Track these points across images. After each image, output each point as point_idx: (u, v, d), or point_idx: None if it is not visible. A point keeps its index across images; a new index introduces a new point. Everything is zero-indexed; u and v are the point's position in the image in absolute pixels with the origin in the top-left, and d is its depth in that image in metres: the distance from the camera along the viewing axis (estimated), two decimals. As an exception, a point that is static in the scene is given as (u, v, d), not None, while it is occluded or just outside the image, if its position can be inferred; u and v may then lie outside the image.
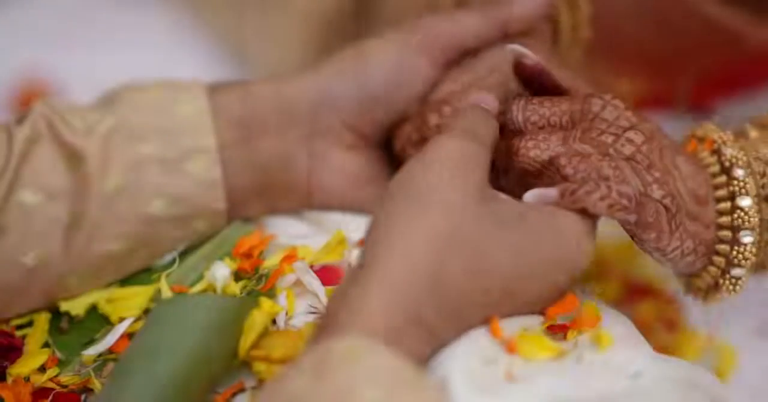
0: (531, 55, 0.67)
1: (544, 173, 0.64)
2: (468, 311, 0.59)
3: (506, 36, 0.75)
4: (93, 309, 0.70)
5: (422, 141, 0.72)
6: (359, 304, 0.56)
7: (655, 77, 0.98)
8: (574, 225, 0.61)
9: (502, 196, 0.62)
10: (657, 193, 0.63)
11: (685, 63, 0.95)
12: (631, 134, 0.64)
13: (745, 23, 0.92)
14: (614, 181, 0.62)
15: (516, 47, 0.67)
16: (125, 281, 0.71)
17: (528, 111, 0.66)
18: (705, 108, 0.70)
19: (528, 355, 0.60)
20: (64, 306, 0.69)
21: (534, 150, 0.64)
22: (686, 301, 0.88)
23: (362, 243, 0.69)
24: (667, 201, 0.63)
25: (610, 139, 0.64)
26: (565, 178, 0.62)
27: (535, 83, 0.68)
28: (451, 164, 0.60)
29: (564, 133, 0.64)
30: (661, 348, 0.83)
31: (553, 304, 0.62)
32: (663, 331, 0.88)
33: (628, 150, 0.64)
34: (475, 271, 0.58)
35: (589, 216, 0.62)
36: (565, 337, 0.62)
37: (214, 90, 0.73)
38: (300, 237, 0.71)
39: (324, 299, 0.66)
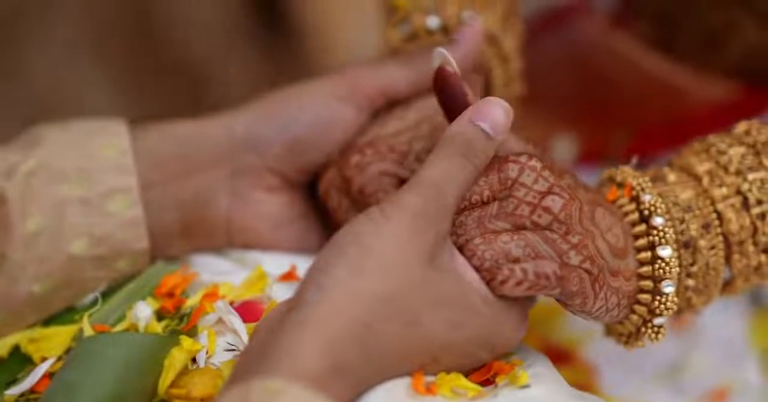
0: (454, 64, 0.65)
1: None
2: (395, 367, 0.59)
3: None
4: (16, 349, 0.69)
5: (344, 183, 0.72)
6: (287, 351, 0.56)
7: (596, 131, 0.99)
8: (512, 309, 0.62)
9: (460, 259, 0.61)
10: (575, 259, 0.62)
11: (625, 117, 0.96)
12: (548, 201, 0.63)
13: (687, 79, 0.93)
14: (525, 260, 0.61)
15: (443, 51, 0.65)
16: (48, 321, 0.71)
17: None
18: (647, 161, 0.71)
19: (448, 395, 0.61)
20: (-13, 347, 0.69)
21: (452, 237, 0.62)
22: (601, 365, 0.88)
23: (284, 278, 0.70)
24: (586, 265, 0.62)
25: (526, 211, 0.63)
26: (475, 269, 0.61)
27: (450, 99, 0.65)
28: (404, 226, 0.59)
29: (481, 211, 0.63)
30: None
31: (474, 371, 0.63)
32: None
33: (545, 220, 0.62)
34: (407, 336, 0.59)
35: (528, 298, 0.63)
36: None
37: (137, 129, 0.73)
38: (222, 274, 0.72)
39: (245, 337, 0.66)
